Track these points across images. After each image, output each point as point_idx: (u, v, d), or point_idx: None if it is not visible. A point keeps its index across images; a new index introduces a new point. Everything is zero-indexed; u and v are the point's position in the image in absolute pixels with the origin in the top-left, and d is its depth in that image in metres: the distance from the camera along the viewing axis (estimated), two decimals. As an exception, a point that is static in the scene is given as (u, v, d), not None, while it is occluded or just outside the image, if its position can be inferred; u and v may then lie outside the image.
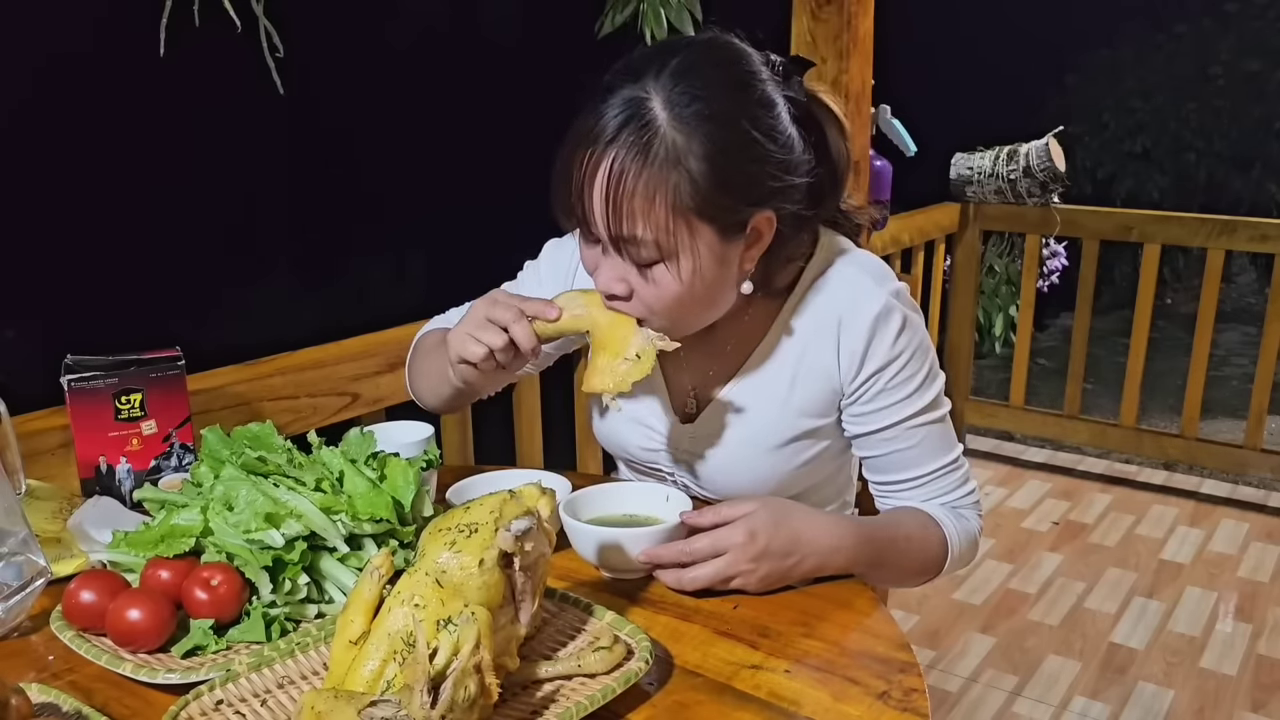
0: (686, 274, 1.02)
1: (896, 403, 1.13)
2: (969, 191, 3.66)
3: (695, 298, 1.04)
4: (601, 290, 1.06)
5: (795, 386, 1.15)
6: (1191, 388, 3.43)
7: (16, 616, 0.98)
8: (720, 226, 1.01)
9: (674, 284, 1.02)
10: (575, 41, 2.40)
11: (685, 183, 0.97)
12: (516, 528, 0.82)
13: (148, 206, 3.27)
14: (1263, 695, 2.35)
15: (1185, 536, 3.16)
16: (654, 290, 1.03)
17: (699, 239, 1.01)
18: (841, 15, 2.46)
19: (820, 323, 1.13)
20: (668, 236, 0.99)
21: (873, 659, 0.92)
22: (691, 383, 1.22)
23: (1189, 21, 7.28)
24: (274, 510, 0.98)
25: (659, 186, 0.97)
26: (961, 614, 2.71)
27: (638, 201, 0.97)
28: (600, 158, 0.98)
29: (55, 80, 2.59)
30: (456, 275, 1.45)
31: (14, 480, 1.19)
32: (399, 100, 4.55)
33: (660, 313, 1.05)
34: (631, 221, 0.98)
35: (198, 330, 3.00)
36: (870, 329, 1.10)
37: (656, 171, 0.97)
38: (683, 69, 0.99)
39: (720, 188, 0.99)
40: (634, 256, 1.02)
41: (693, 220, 0.99)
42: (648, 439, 1.25)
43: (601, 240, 1.03)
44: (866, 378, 1.12)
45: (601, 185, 0.98)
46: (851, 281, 1.14)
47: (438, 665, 0.75)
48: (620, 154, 0.97)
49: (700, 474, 1.22)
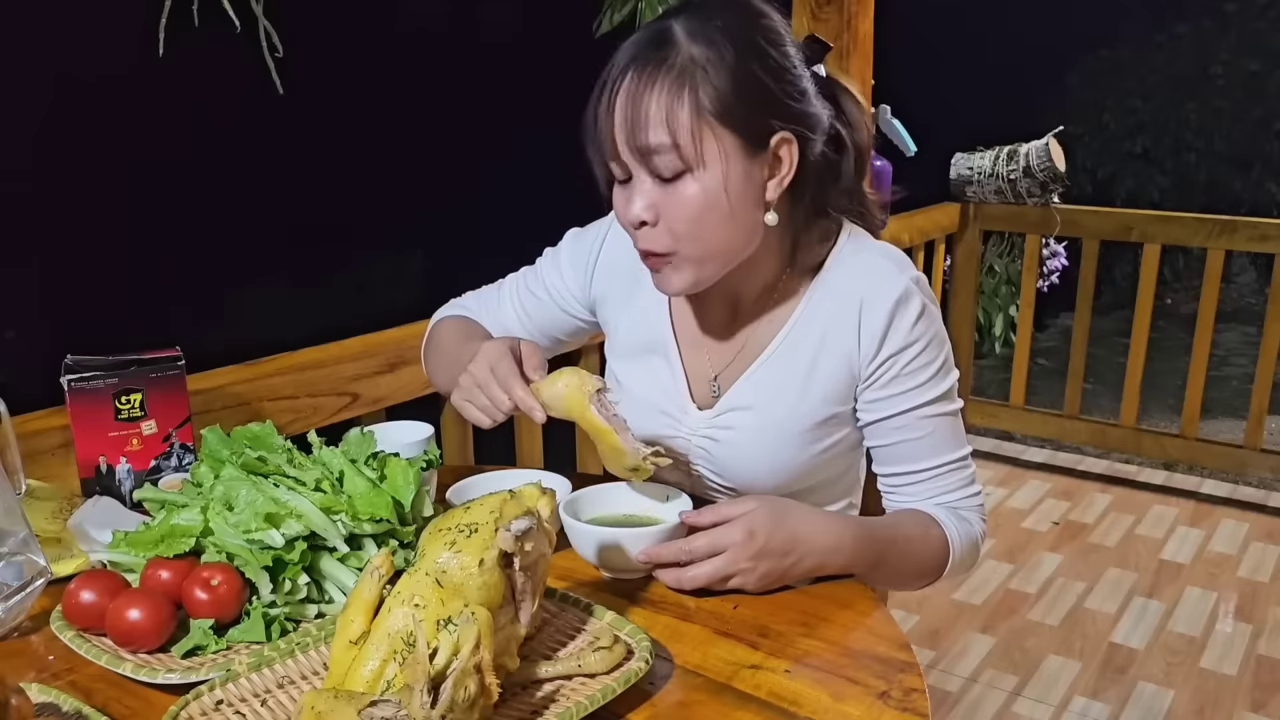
0: (712, 184, 1.03)
1: (911, 389, 1.14)
2: (969, 191, 3.66)
3: (721, 216, 1.05)
4: (630, 222, 1.07)
5: (816, 371, 1.15)
6: (1191, 388, 3.43)
7: (16, 616, 0.98)
8: (742, 135, 1.03)
9: (700, 196, 1.03)
10: (573, 40, 2.40)
11: (706, 87, 1.00)
12: (516, 528, 0.82)
13: (148, 206, 3.27)
14: (1263, 695, 2.35)
15: (1185, 536, 3.16)
16: (681, 209, 1.04)
17: (722, 145, 1.02)
18: (841, 15, 2.47)
19: (843, 304, 1.14)
20: (691, 141, 1.01)
21: (873, 659, 0.92)
22: (713, 370, 1.23)
23: (1189, 21, 7.28)
24: (274, 510, 0.98)
25: (679, 92, 1.00)
26: (961, 614, 2.71)
27: (660, 108, 1.00)
28: (622, 76, 1.02)
29: (54, 80, 2.59)
30: (456, 275, 1.45)
31: (14, 480, 1.19)
32: (398, 100, 4.55)
33: (687, 235, 1.05)
34: (655, 129, 1.01)
35: (198, 330, 3.00)
36: (891, 311, 1.11)
37: (675, 79, 1.00)
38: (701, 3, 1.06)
39: (740, 93, 1.01)
40: (659, 169, 1.03)
41: (715, 126, 1.02)
42: (666, 427, 1.23)
43: (627, 163, 1.04)
44: (884, 360, 1.13)
45: (624, 99, 1.02)
46: (875, 266, 1.15)
47: (438, 665, 0.75)
48: (641, 69, 1.01)
49: (718, 462, 1.21)
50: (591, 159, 1.09)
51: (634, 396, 1.26)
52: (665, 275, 1.10)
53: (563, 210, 1.49)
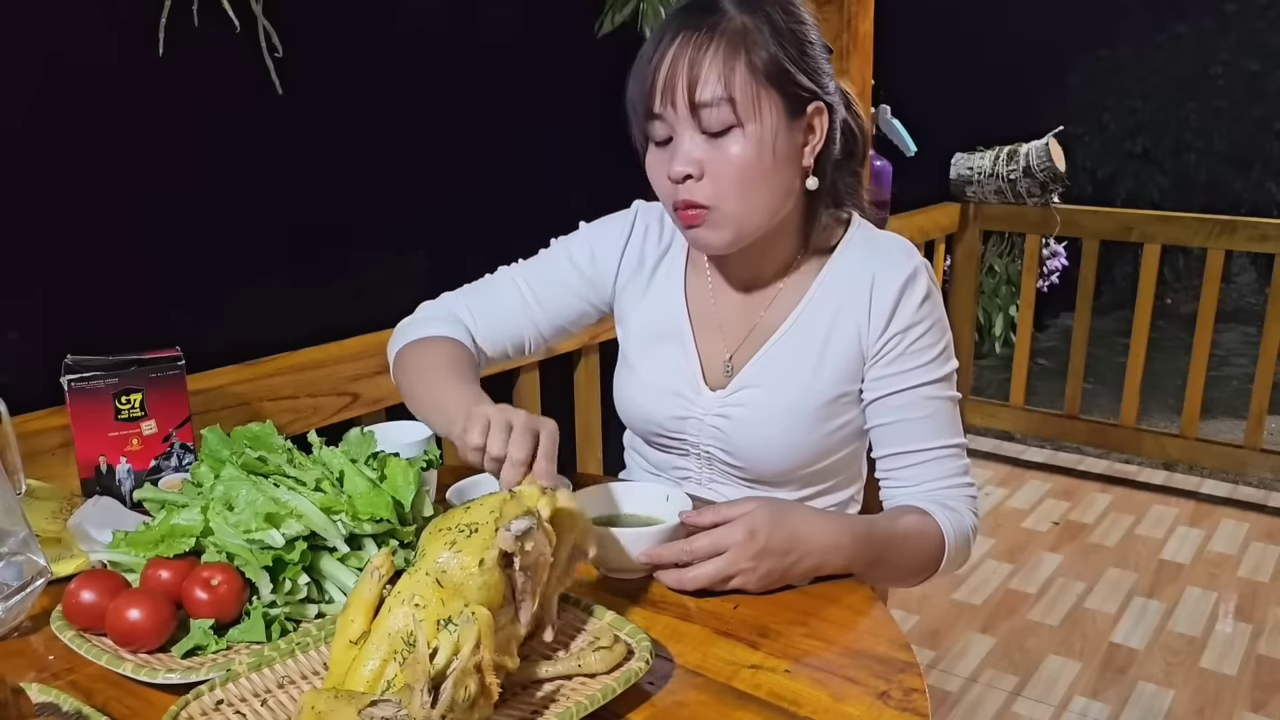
0: (757, 142, 1.10)
1: (914, 368, 1.18)
2: (969, 191, 3.66)
3: (764, 171, 1.11)
4: (675, 176, 1.12)
5: (828, 349, 1.19)
6: (1191, 388, 3.43)
7: (16, 616, 0.98)
8: (787, 98, 1.11)
9: (745, 152, 1.09)
10: (575, 41, 2.40)
11: (758, 50, 1.09)
12: (516, 527, 0.82)
13: (147, 207, 3.26)
14: (1263, 695, 2.35)
15: (1185, 536, 3.16)
16: (725, 163, 1.10)
17: (770, 106, 1.10)
18: (841, 15, 2.46)
19: (856, 281, 1.19)
20: (744, 97, 1.08)
21: (873, 659, 0.92)
22: (727, 350, 1.26)
23: (1189, 21, 7.27)
24: (274, 510, 0.98)
25: (734, 51, 1.08)
26: (961, 614, 2.71)
27: (715, 65, 1.08)
28: (672, 40, 1.10)
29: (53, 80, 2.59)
30: (456, 275, 1.45)
31: (14, 480, 1.19)
32: (398, 100, 4.55)
33: (730, 188, 1.11)
34: (713, 85, 1.08)
35: (198, 330, 3.00)
36: (901, 289, 1.17)
37: (729, 41, 1.08)
38: None
39: (788, 58, 1.10)
40: (710, 123, 1.09)
41: (765, 87, 1.09)
42: (679, 408, 1.25)
43: (674, 121, 1.10)
44: (891, 336, 1.17)
45: (677, 59, 1.09)
46: (886, 247, 1.22)
47: (438, 665, 0.75)
48: (694, 32, 1.09)
49: (731, 441, 1.22)
50: (632, 120, 1.16)
51: (647, 382, 1.29)
52: (703, 232, 1.14)
53: (563, 209, 1.49)
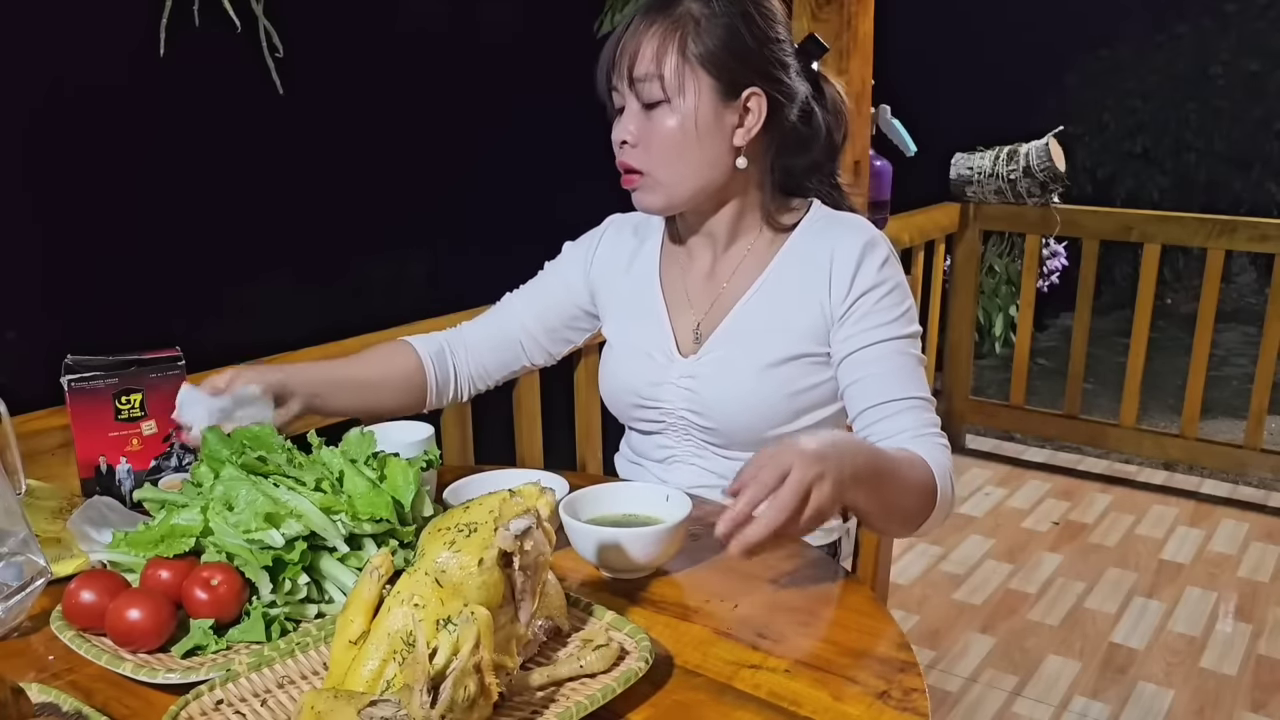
0: (683, 116, 1.21)
1: (880, 325, 1.23)
2: (969, 191, 3.66)
3: (689, 144, 1.22)
4: (616, 140, 1.26)
5: (790, 314, 1.27)
6: (1191, 388, 3.43)
7: (16, 616, 0.98)
8: (717, 83, 1.22)
9: (673, 125, 1.22)
10: (574, 41, 2.40)
11: (694, 36, 1.20)
12: (516, 527, 0.82)
13: (148, 206, 3.27)
14: (1263, 695, 2.35)
15: (1185, 536, 3.16)
16: (656, 133, 1.23)
17: (700, 85, 1.21)
18: (841, 15, 2.46)
19: (814, 259, 1.27)
20: (673, 76, 1.20)
21: (873, 659, 0.92)
22: (695, 319, 1.34)
23: (1189, 21, 7.28)
24: (274, 510, 0.98)
25: (673, 34, 1.20)
26: (961, 614, 2.71)
27: (654, 44, 1.21)
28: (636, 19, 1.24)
29: (54, 80, 2.59)
30: (456, 275, 1.46)
31: (14, 480, 1.19)
32: (398, 100, 4.55)
33: (658, 157, 1.23)
34: (645, 62, 1.21)
35: (198, 330, 3.00)
36: (860, 255, 1.24)
37: (672, 24, 1.21)
38: None
39: (723, 48, 1.21)
40: (644, 96, 1.22)
41: (696, 69, 1.21)
42: (654, 374, 1.33)
43: (624, 90, 1.24)
44: (856, 298, 1.24)
45: (629, 37, 1.23)
46: (842, 225, 1.29)
47: (437, 665, 0.75)
48: (646, 15, 1.23)
49: (700, 401, 1.29)
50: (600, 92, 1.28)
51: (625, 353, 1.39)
52: (641, 193, 1.27)
53: (562, 208, 1.49)
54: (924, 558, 3.02)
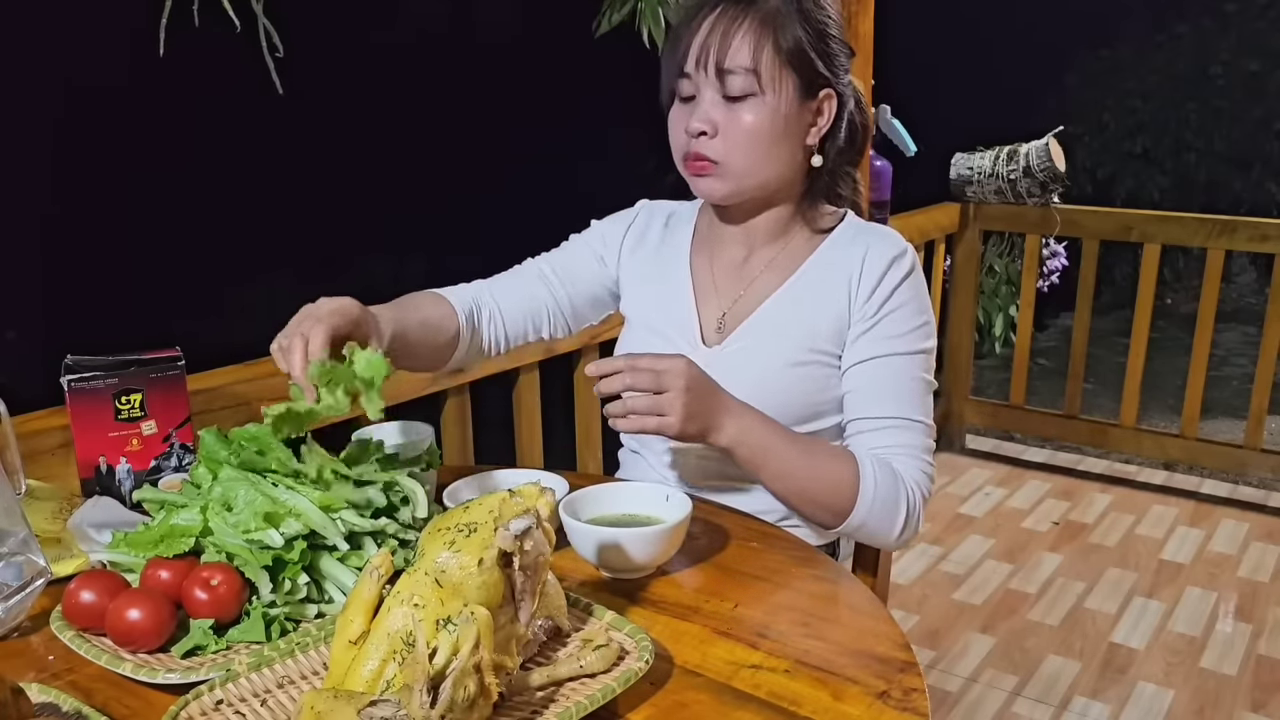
0: (769, 111, 1.22)
1: (892, 336, 1.25)
2: (969, 191, 3.66)
3: (771, 139, 1.23)
4: (692, 130, 1.24)
5: (817, 312, 1.28)
6: (1191, 388, 3.43)
7: (16, 616, 0.98)
8: (802, 81, 1.23)
9: (756, 119, 1.22)
10: (573, 41, 2.40)
11: (787, 32, 1.21)
12: (516, 527, 0.82)
13: (147, 206, 3.27)
14: (1263, 695, 2.35)
15: (1185, 536, 3.16)
16: (738, 126, 1.22)
17: (786, 83, 1.22)
18: (841, 15, 2.46)
19: (847, 263, 1.28)
20: (766, 70, 1.21)
21: (873, 659, 0.92)
22: (721, 309, 1.35)
23: (1189, 21, 7.28)
24: (273, 510, 0.98)
25: (765, 29, 1.21)
26: (961, 614, 2.71)
27: (751, 38, 1.20)
28: (711, 10, 1.23)
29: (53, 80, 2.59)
30: (456, 275, 1.45)
31: (14, 480, 1.19)
32: (398, 100, 4.55)
33: (738, 149, 1.23)
34: (740, 53, 1.20)
35: (198, 330, 3.00)
36: (887, 265, 1.26)
37: (762, 21, 1.21)
38: None
39: (811, 47, 1.23)
40: (731, 89, 1.21)
41: (785, 66, 1.22)
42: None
43: (700, 81, 1.22)
44: (875, 307, 1.25)
45: (714, 28, 1.21)
46: (877, 234, 1.31)
47: (437, 665, 0.75)
48: (734, 5, 1.22)
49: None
50: (664, 76, 1.28)
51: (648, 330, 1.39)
52: (709, 182, 1.26)
53: (561, 208, 1.49)
54: (924, 558, 3.03)
